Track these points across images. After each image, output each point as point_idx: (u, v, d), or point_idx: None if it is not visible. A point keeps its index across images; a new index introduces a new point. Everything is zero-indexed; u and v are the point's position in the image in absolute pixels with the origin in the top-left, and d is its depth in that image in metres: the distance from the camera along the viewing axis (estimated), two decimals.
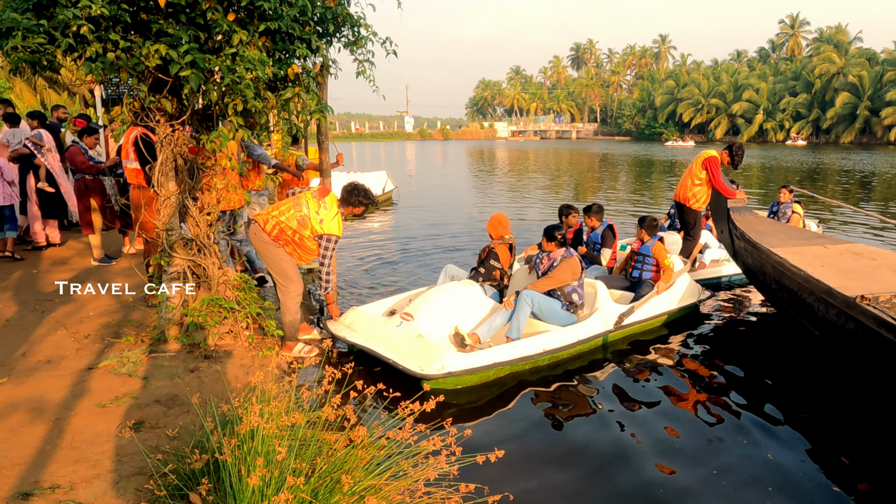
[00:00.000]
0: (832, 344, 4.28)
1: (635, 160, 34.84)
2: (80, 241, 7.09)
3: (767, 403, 3.87)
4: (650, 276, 5.36)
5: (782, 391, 4.07)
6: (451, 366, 3.82)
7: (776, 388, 4.11)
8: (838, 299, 3.82)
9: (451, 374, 3.80)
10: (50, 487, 2.47)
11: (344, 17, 4.09)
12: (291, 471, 2.14)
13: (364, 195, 4.40)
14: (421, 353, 3.92)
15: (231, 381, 3.60)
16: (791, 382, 4.19)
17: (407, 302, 4.98)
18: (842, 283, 3.97)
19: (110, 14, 3.18)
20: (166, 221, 4.03)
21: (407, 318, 4.33)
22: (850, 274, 4.23)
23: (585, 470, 3.12)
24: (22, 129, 6.80)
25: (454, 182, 21.64)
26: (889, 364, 3.57)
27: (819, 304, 4.11)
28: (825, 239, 5.47)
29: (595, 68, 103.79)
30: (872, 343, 3.63)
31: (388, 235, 9.94)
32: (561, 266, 4.58)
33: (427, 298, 4.53)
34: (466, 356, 3.93)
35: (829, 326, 4.09)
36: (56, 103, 12.99)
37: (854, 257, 4.68)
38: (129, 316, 4.72)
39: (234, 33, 3.43)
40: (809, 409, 3.83)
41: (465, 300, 4.61)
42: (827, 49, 66.67)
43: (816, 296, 4.10)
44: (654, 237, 5.43)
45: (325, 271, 4.28)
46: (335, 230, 4.21)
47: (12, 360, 3.85)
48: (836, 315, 3.93)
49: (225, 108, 3.73)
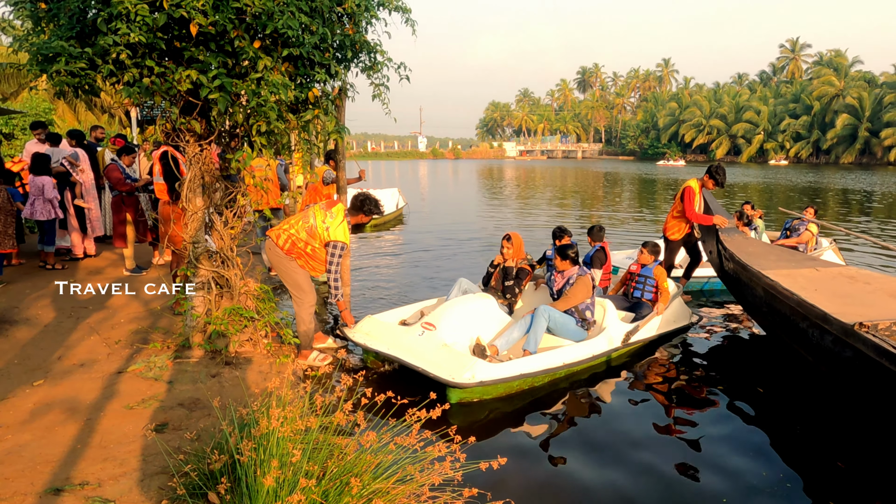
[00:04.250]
0: (827, 371, 4.00)
1: (635, 178, 34.78)
2: (114, 252, 7.22)
3: (766, 419, 3.81)
4: (650, 297, 5.35)
5: (779, 408, 4.01)
6: (481, 375, 3.74)
7: (771, 404, 4.05)
8: (835, 326, 3.54)
9: (483, 383, 3.72)
10: (80, 484, 2.51)
11: (361, 44, 4.15)
12: (304, 473, 2.15)
13: (374, 205, 4.42)
14: (450, 361, 3.85)
15: (250, 387, 3.63)
16: (785, 398, 4.13)
17: (419, 314, 4.98)
18: (838, 308, 3.69)
19: (147, 42, 3.28)
20: (193, 235, 4.11)
21: (429, 327, 4.30)
22: (846, 299, 3.94)
23: (587, 480, 3.09)
24: (61, 149, 6.97)
25: (464, 199, 21.70)
26: (889, 394, 3.29)
27: (814, 329, 3.83)
28: (816, 261, 5.14)
29: (600, 91, 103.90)
30: (871, 373, 3.34)
31: (398, 249, 9.98)
32: (576, 285, 4.57)
33: (448, 309, 4.48)
34: (496, 366, 3.86)
35: (825, 354, 3.81)
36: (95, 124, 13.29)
37: (848, 281, 4.39)
38: (156, 323, 4.79)
39: (260, 59, 3.52)
40: (811, 426, 3.76)
41: (485, 312, 4.60)
42: (827, 72, 66.13)
43: (811, 321, 3.82)
44: (656, 261, 5.43)
45: (333, 277, 4.26)
46: (341, 237, 4.22)
47: (49, 362, 3.92)
48: (832, 342, 3.65)
49: (250, 128, 3.81)
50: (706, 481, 3.05)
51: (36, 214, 6.20)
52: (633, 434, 3.56)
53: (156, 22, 3.23)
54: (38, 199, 6.20)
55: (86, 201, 6.93)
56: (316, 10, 3.72)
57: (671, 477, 3.10)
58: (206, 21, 3.27)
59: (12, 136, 11.92)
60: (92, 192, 7.06)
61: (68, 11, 3.36)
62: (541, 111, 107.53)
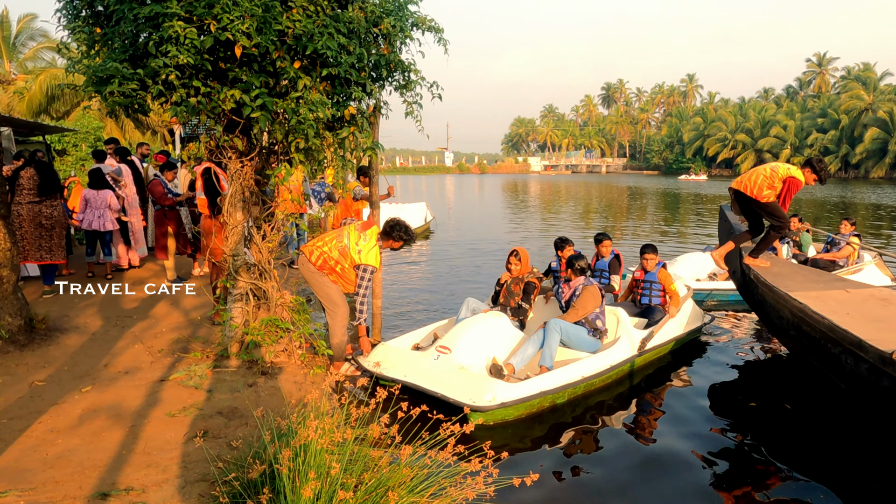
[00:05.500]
0: (861, 400, 3.77)
1: (657, 192, 34.26)
2: (156, 263, 7.40)
3: (787, 431, 3.65)
4: (659, 301, 5.25)
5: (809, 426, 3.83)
6: (501, 396, 3.66)
7: (801, 421, 3.88)
8: (871, 354, 3.32)
9: (504, 404, 3.63)
10: (125, 489, 2.54)
11: (396, 63, 4.19)
12: (341, 485, 2.13)
13: (404, 231, 4.37)
14: (468, 384, 3.77)
15: (285, 397, 3.64)
16: (815, 416, 3.94)
17: (432, 336, 4.87)
18: (873, 334, 3.45)
19: (194, 63, 3.37)
20: (233, 247, 4.17)
21: (444, 351, 4.20)
22: (880, 324, 3.70)
23: (618, 496, 2.99)
24: (106, 165, 7.21)
25: (489, 212, 21.66)
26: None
27: (847, 356, 3.58)
28: (846, 282, 4.84)
29: (624, 106, 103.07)
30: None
31: (424, 264, 9.99)
32: (583, 295, 4.49)
33: (461, 331, 4.38)
34: (515, 386, 3.76)
35: (859, 382, 3.57)
36: (140, 141, 13.75)
37: (881, 304, 4.13)
38: (196, 332, 4.87)
39: (299, 79, 3.58)
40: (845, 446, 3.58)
41: (498, 331, 4.51)
42: (855, 86, 64.26)
43: (844, 347, 3.58)
44: (659, 264, 5.31)
45: (360, 300, 4.22)
46: (373, 261, 4.21)
47: (96, 369, 4.02)
48: (867, 370, 3.42)
49: (288, 145, 3.88)
50: (735, 496, 2.92)
51: (104, 226, 6.46)
52: (657, 449, 3.44)
53: (203, 44, 3.32)
54: (105, 210, 6.44)
55: (129, 215, 7.14)
56: (353, 31, 3.78)
57: (697, 489, 2.97)
58: (249, 43, 3.35)
59: (65, 152, 12.42)
60: (135, 206, 7.27)
61: (121, 35, 3.49)
62: (565, 126, 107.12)
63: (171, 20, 3.22)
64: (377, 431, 2.41)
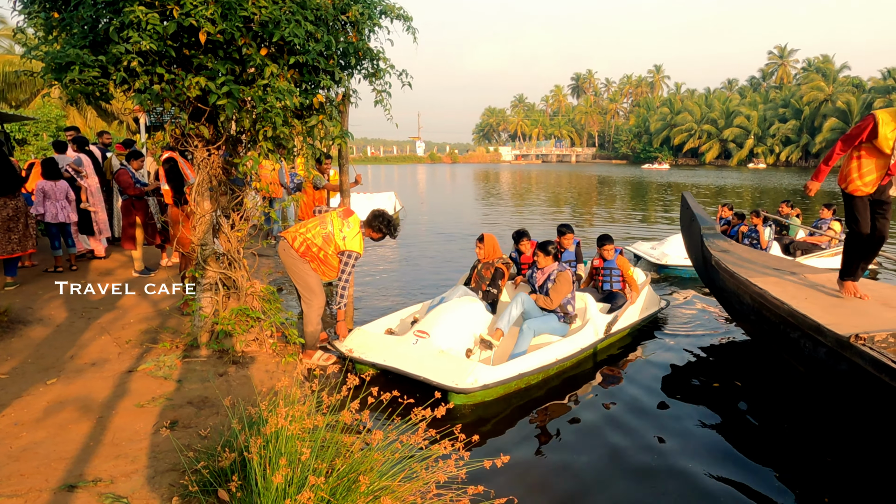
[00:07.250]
0: (820, 383, 3.84)
1: (624, 181, 34.88)
2: (123, 254, 7.20)
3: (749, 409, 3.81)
4: (619, 286, 5.48)
5: (767, 402, 4.01)
6: (483, 379, 3.75)
7: (758, 399, 4.05)
8: (829, 338, 3.33)
9: (486, 386, 3.72)
10: (93, 480, 2.49)
11: (364, 52, 4.14)
12: (312, 470, 2.14)
13: (385, 224, 4.35)
14: (450, 367, 3.83)
15: (257, 385, 3.62)
16: (771, 393, 4.13)
17: (410, 320, 4.95)
18: (831, 318, 3.47)
19: (157, 49, 3.27)
20: (201, 237, 4.10)
21: (423, 335, 4.25)
22: (838, 309, 3.74)
23: (587, 474, 3.09)
24: (66, 156, 6.94)
25: (461, 201, 21.68)
26: (888, 409, 3.11)
27: (806, 340, 3.62)
28: (805, 268, 4.91)
29: (594, 96, 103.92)
30: (869, 387, 3.13)
31: (393, 250, 9.98)
32: (559, 281, 4.58)
33: (438, 316, 4.45)
34: (496, 369, 3.87)
35: (818, 365, 3.61)
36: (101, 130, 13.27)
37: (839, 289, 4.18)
38: (165, 323, 4.78)
39: (266, 66, 3.51)
40: (800, 425, 3.76)
41: (473, 315, 4.59)
42: (816, 77, 66.19)
43: (802, 331, 3.61)
44: (616, 251, 5.53)
45: (342, 286, 4.25)
46: (356, 247, 4.22)
47: (62, 361, 3.91)
48: (825, 354, 3.44)
49: (256, 133, 3.80)
50: (701, 472, 3.05)
51: (69, 217, 6.23)
52: (622, 428, 3.56)
53: (166, 30, 3.22)
54: (60, 202, 6.21)
55: (91, 205, 6.91)
56: (321, 18, 3.72)
57: (664, 466, 3.10)
58: (214, 29, 3.26)
59: (25, 141, 11.91)
60: (97, 195, 7.04)
61: (80, 21, 3.35)
62: (536, 116, 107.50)
63: (132, 4, 3.11)
64: (349, 417, 2.42)
